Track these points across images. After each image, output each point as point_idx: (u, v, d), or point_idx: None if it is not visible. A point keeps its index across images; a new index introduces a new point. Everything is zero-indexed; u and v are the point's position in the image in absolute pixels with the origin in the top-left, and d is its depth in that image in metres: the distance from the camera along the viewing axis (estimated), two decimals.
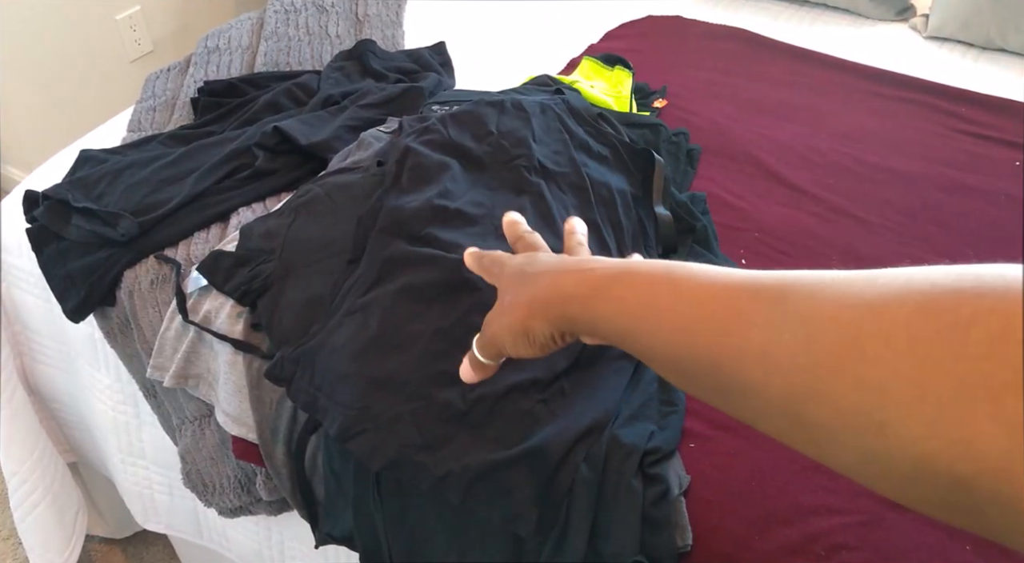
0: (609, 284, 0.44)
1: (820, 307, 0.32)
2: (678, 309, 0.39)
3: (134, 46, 2.07)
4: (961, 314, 0.27)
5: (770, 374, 0.33)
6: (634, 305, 0.42)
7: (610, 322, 0.43)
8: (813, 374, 0.31)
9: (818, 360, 0.31)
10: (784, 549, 0.65)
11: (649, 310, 0.41)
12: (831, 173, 1.10)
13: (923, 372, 0.27)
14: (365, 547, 0.77)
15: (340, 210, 0.90)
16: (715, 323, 0.36)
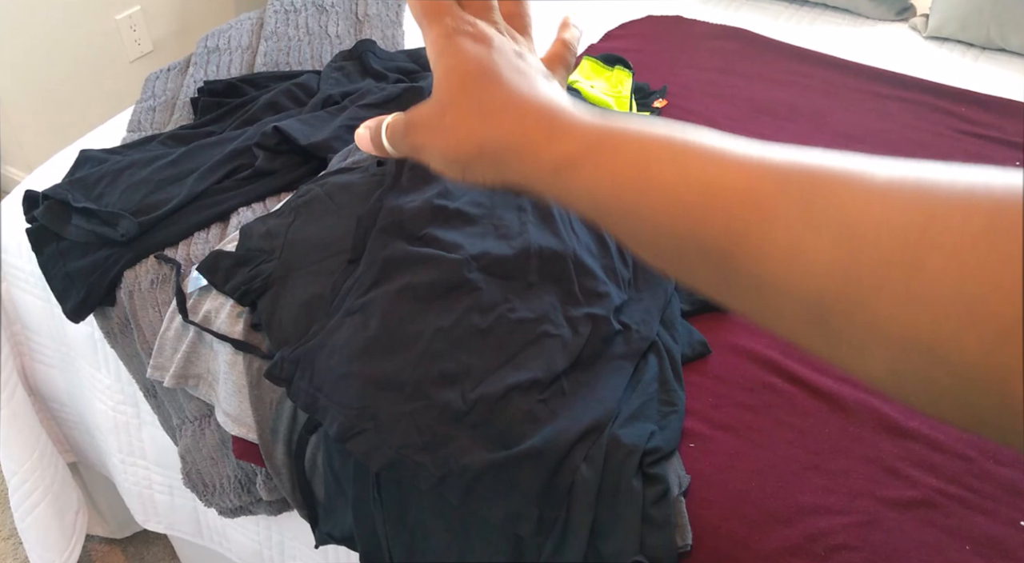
0: (592, 152, 0.35)
1: (866, 210, 0.28)
2: (683, 193, 0.32)
3: (134, 46, 2.07)
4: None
5: (795, 277, 0.29)
6: (625, 180, 0.34)
7: (588, 196, 0.35)
8: (853, 282, 0.27)
9: (862, 269, 0.27)
10: (784, 549, 0.65)
11: (644, 190, 0.33)
12: None
13: (994, 292, 0.24)
14: (365, 547, 0.77)
15: (340, 210, 0.90)
16: (730, 216, 0.31)
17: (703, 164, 0.32)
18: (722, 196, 0.31)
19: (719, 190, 0.31)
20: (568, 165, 0.36)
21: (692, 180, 0.32)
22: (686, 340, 0.82)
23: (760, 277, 0.30)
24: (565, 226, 0.88)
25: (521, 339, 0.76)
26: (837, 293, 0.28)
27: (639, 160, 0.34)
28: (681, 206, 0.32)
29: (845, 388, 0.79)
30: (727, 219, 0.31)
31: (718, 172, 0.32)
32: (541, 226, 0.87)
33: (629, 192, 0.34)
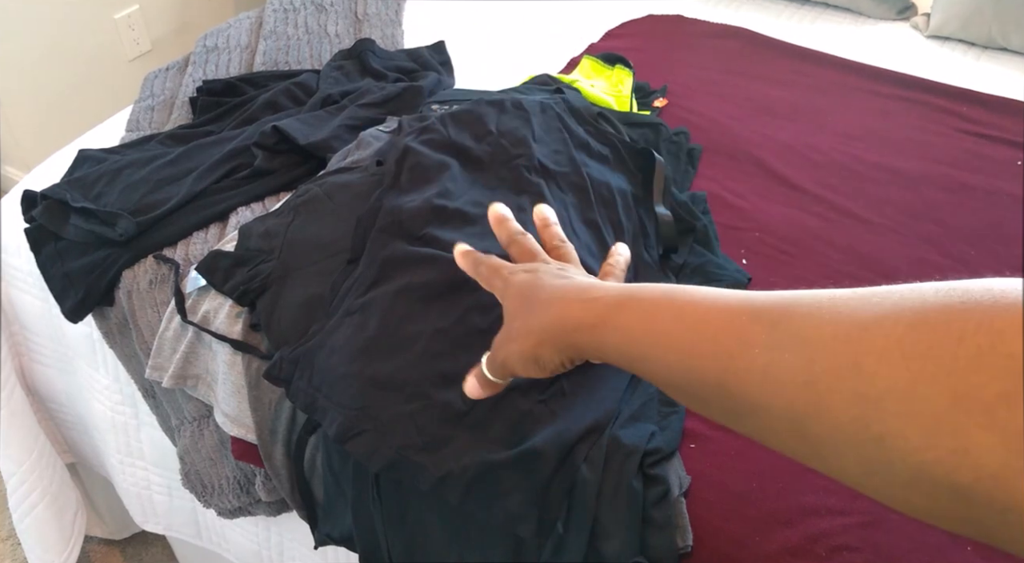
0: (613, 312, 0.45)
1: (818, 327, 0.33)
2: (681, 334, 0.40)
3: (133, 45, 2.07)
4: (951, 329, 0.28)
5: (774, 393, 0.34)
6: (639, 332, 0.43)
7: (617, 349, 0.44)
8: (814, 391, 0.32)
9: (818, 378, 0.32)
10: (785, 550, 0.65)
11: (653, 336, 0.41)
12: (832, 172, 1.09)
13: (918, 386, 0.28)
14: (364, 548, 0.76)
15: (339, 210, 0.89)
16: (718, 346, 0.37)
17: (695, 309, 0.40)
18: (711, 330, 0.38)
19: (706, 325, 0.39)
20: (598, 325, 0.45)
21: (688, 323, 0.40)
22: None
23: (748, 402, 0.36)
24: (565, 226, 0.87)
25: None
26: (806, 403, 0.32)
27: (647, 314, 0.42)
28: (684, 346, 0.40)
29: None
30: (716, 349, 0.37)
31: (706, 312, 0.39)
32: None
33: (642, 342, 0.42)
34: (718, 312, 0.39)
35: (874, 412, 0.30)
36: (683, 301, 0.41)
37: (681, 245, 0.93)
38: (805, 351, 0.33)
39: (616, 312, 0.45)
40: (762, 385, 0.35)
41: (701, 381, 0.39)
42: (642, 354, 0.42)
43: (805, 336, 0.33)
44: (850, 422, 0.31)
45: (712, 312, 0.39)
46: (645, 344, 0.42)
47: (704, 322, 0.39)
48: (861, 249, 0.96)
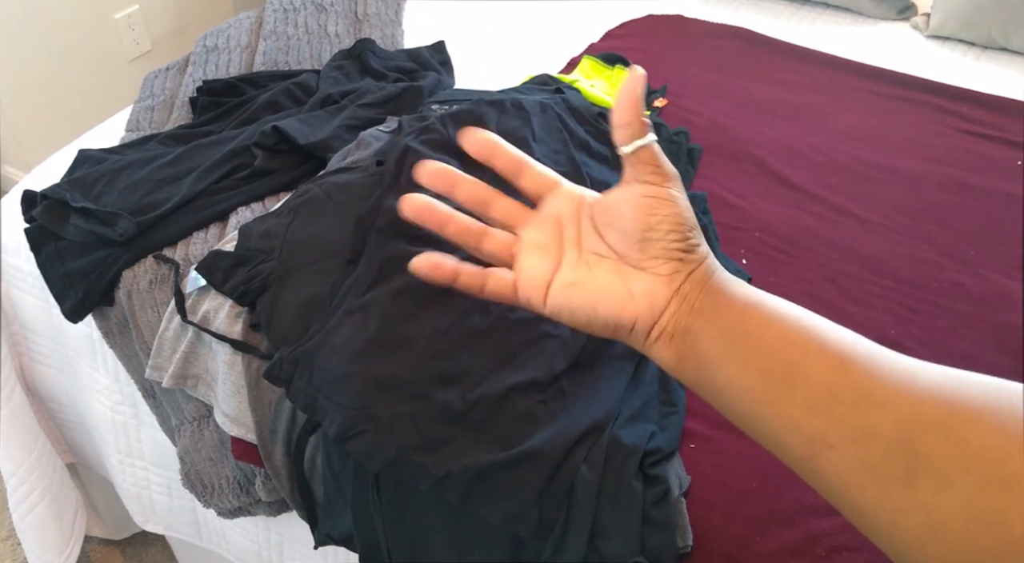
0: (753, 309, 0.42)
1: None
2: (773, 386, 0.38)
3: (133, 45, 2.07)
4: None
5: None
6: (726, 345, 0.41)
7: (718, 343, 0.41)
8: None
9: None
10: (785, 550, 0.65)
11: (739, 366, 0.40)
12: (832, 172, 1.09)
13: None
14: (364, 548, 0.76)
15: (339, 210, 0.89)
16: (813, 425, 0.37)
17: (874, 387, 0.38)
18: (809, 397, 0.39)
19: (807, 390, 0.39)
20: (743, 306, 0.42)
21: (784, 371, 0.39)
22: None
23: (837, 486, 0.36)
24: None
25: (521, 339, 0.76)
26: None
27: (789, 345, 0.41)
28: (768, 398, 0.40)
29: None
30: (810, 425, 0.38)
31: (812, 369, 0.39)
32: None
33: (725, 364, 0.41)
34: (825, 371, 0.37)
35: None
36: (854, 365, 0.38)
37: None
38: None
39: (756, 312, 0.41)
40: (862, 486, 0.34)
41: (779, 442, 0.39)
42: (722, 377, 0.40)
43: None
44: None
45: (817, 368, 0.37)
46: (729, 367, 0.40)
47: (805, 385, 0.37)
48: (861, 249, 0.96)
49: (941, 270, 0.94)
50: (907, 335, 0.86)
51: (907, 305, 0.89)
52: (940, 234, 0.99)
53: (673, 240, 0.42)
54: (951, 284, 0.92)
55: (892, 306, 0.89)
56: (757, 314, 0.41)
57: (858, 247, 0.97)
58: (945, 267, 0.94)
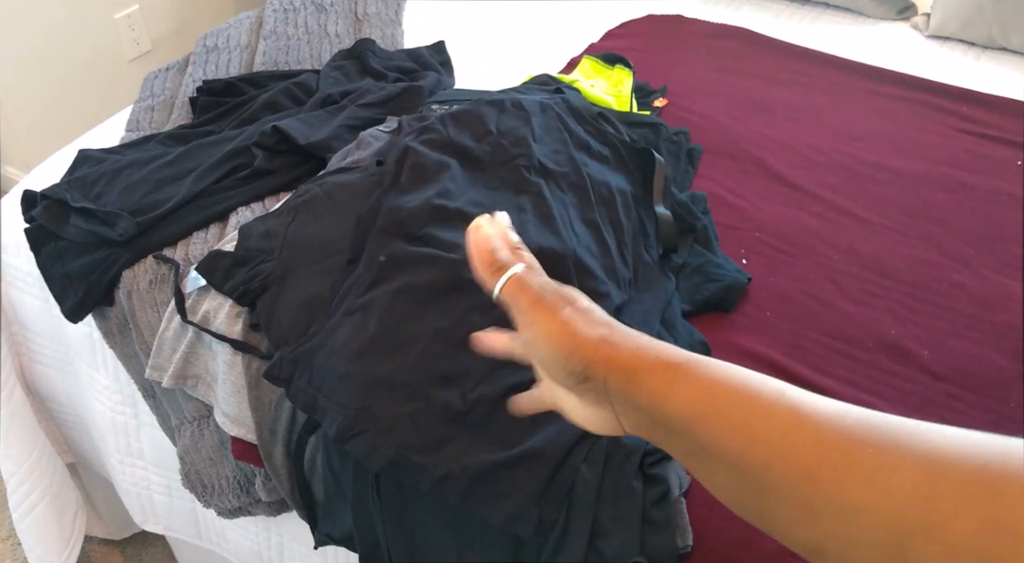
0: (695, 365, 0.40)
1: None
2: (794, 441, 0.36)
3: (133, 45, 2.07)
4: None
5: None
6: (726, 398, 0.39)
7: (687, 404, 0.39)
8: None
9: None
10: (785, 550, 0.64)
11: (749, 419, 0.38)
12: (832, 172, 1.09)
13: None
14: (364, 548, 0.76)
15: (339, 210, 0.89)
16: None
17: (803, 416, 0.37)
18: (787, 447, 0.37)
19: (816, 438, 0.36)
20: (680, 368, 0.40)
21: (795, 428, 0.37)
22: (686, 340, 0.82)
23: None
24: (565, 226, 0.87)
25: None
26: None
27: (753, 398, 0.39)
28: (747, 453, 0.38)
29: (846, 389, 0.79)
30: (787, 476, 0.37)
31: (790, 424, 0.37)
32: (541, 226, 0.87)
33: (723, 408, 0.39)
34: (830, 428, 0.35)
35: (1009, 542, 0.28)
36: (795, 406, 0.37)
37: (681, 245, 0.93)
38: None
39: (698, 366, 0.40)
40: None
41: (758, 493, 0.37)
42: (711, 422, 0.39)
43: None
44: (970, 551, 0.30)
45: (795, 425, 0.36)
46: (722, 414, 0.38)
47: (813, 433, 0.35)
48: (861, 249, 0.96)
49: (941, 270, 0.94)
50: (907, 335, 0.86)
51: (907, 305, 0.89)
52: (940, 234, 0.99)
53: (561, 375, 0.43)
54: (951, 284, 0.92)
55: (892, 306, 0.89)
56: (705, 431, 0.39)
57: (858, 247, 0.97)
58: (945, 267, 0.94)
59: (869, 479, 0.32)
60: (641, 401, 0.41)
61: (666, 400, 0.40)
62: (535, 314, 0.43)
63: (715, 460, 0.39)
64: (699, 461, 0.40)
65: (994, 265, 0.95)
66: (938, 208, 1.03)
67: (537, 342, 0.43)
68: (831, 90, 1.29)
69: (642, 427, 0.42)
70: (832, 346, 0.84)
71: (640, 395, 0.40)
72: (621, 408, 0.42)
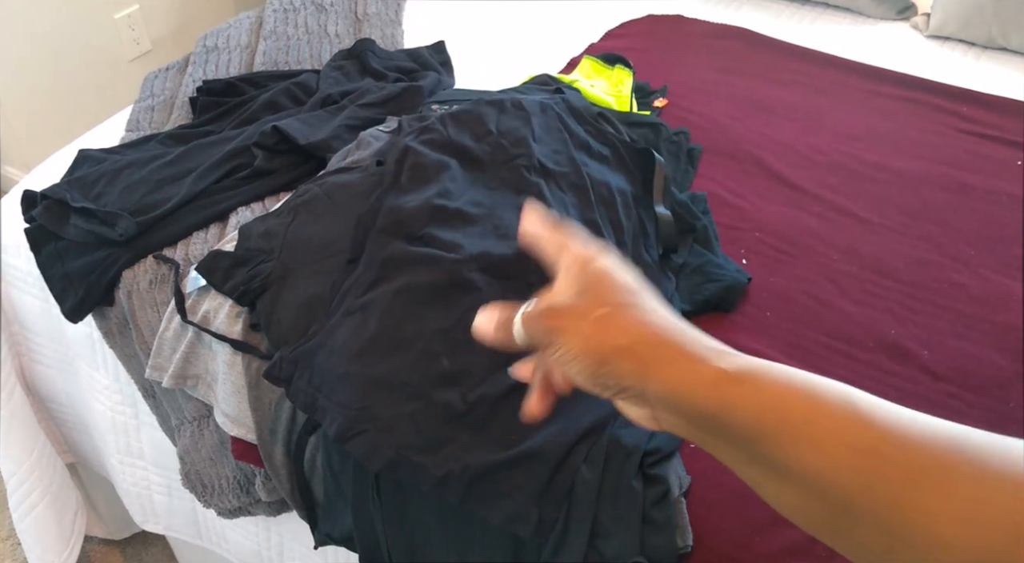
0: (751, 374, 0.38)
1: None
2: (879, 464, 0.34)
3: (133, 45, 2.07)
4: None
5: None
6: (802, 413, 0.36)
7: (754, 419, 0.37)
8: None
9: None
10: (785, 550, 0.65)
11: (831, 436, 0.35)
12: (832, 172, 1.09)
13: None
14: (364, 548, 0.76)
15: (339, 210, 0.89)
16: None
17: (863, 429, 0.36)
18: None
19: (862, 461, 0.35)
20: (732, 380, 0.37)
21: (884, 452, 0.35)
22: None
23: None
24: None
25: None
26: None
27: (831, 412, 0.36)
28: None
29: None
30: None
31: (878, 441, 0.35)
32: None
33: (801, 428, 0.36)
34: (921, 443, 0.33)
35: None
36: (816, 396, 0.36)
37: (681, 245, 0.93)
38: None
39: (753, 375, 0.38)
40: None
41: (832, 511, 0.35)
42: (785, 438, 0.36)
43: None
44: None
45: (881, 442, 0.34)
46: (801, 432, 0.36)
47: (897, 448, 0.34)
48: (861, 249, 0.96)
49: (941, 270, 0.94)
50: (907, 335, 0.86)
51: (907, 305, 0.89)
52: (940, 234, 0.99)
53: (594, 386, 0.42)
54: (951, 284, 0.92)
55: (892, 306, 0.89)
56: (778, 447, 0.37)
57: (858, 247, 0.97)
58: (945, 267, 0.94)
59: (960, 512, 0.30)
60: (691, 413, 0.38)
61: (727, 416, 0.37)
62: (553, 337, 0.42)
63: (785, 478, 0.36)
64: (763, 474, 0.38)
65: (994, 265, 0.95)
66: (938, 208, 1.03)
67: (565, 367, 0.42)
68: (831, 90, 1.29)
69: (686, 432, 0.40)
70: (832, 346, 0.84)
71: (689, 407, 0.38)
72: (663, 414, 0.40)
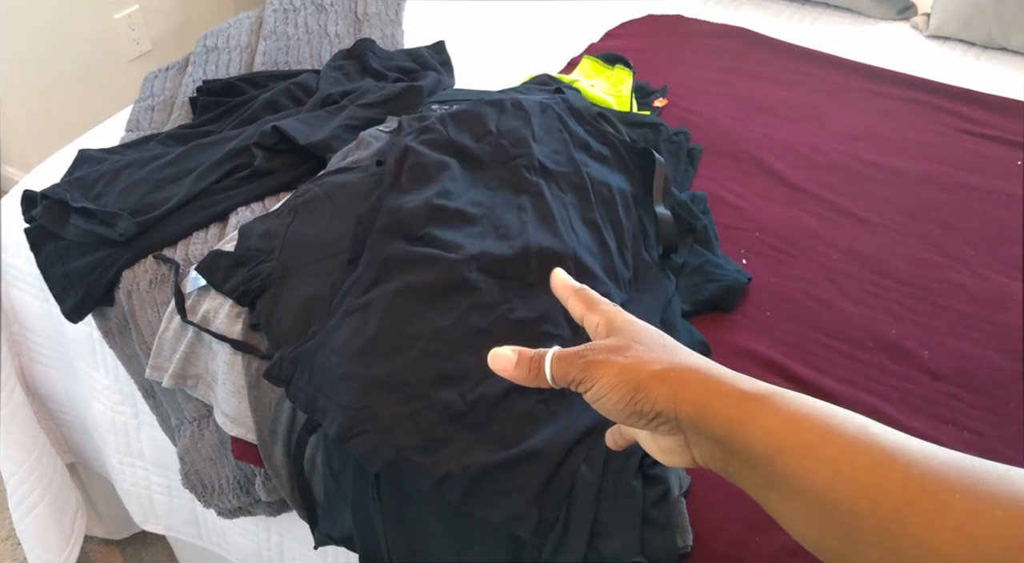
0: (777, 397, 0.40)
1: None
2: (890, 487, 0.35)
3: (133, 45, 2.07)
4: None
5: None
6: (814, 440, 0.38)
7: (770, 437, 0.38)
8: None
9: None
10: (785, 550, 0.65)
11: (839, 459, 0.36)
12: (832, 172, 1.09)
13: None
14: (364, 548, 0.76)
15: (339, 210, 0.89)
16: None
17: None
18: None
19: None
20: (754, 399, 0.40)
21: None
22: (687, 340, 0.82)
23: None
24: (565, 226, 0.87)
25: (521, 339, 0.76)
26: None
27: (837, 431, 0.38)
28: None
29: (846, 389, 0.79)
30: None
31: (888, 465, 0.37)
32: (541, 226, 0.87)
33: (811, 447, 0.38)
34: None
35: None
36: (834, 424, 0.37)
37: (681, 245, 0.93)
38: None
39: (773, 399, 0.40)
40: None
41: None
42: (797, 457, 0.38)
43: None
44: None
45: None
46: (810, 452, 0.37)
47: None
48: (861, 249, 0.96)
49: (941, 270, 0.94)
50: (907, 335, 0.86)
51: (907, 305, 0.89)
52: (940, 234, 0.99)
53: (632, 421, 0.43)
54: (951, 284, 0.92)
55: (892, 306, 0.89)
56: (789, 464, 0.38)
57: (858, 247, 0.97)
58: (945, 267, 0.94)
59: (959, 526, 0.32)
60: (716, 431, 0.40)
61: (746, 431, 0.39)
62: (588, 373, 0.44)
63: (797, 495, 0.38)
64: (778, 495, 0.39)
65: (994, 265, 0.95)
66: (938, 208, 1.03)
67: (600, 401, 0.43)
68: (831, 90, 1.29)
69: (716, 458, 0.41)
70: (832, 346, 0.84)
71: (715, 425, 0.40)
72: (694, 438, 0.42)
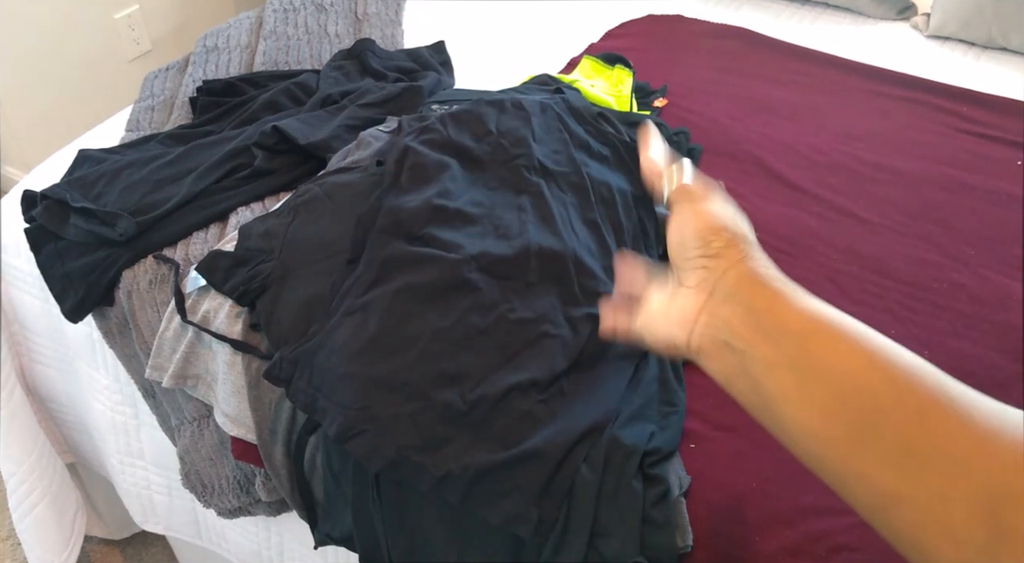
0: (834, 327, 0.40)
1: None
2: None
3: (133, 45, 2.07)
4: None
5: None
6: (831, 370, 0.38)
7: (811, 317, 0.39)
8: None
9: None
10: (785, 550, 0.65)
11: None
12: (832, 172, 1.09)
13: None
14: (364, 548, 0.76)
15: (339, 210, 0.89)
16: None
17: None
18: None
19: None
20: (800, 290, 0.42)
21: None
22: None
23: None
24: (565, 226, 0.87)
25: (521, 339, 0.76)
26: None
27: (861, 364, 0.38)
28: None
29: None
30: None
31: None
32: (541, 226, 0.87)
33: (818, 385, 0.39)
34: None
35: None
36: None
37: None
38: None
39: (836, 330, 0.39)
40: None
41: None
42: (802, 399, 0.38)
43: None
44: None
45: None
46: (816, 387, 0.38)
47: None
48: (861, 249, 0.96)
49: (941, 270, 0.94)
50: (907, 335, 0.86)
51: (907, 305, 0.89)
52: (940, 234, 0.99)
53: (694, 247, 0.45)
54: (951, 284, 0.92)
55: (892, 306, 0.89)
56: (822, 344, 0.38)
57: (858, 247, 0.97)
58: (945, 267, 0.94)
59: (979, 436, 0.32)
60: (757, 302, 0.41)
61: (788, 306, 0.40)
62: (701, 204, 0.47)
63: (820, 379, 0.37)
64: (796, 377, 0.38)
65: (994, 265, 0.95)
66: (938, 208, 1.03)
67: (690, 221, 0.46)
68: (831, 90, 1.29)
69: (732, 328, 0.42)
70: None
71: (761, 294, 0.41)
72: (720, 301, 0.43)
